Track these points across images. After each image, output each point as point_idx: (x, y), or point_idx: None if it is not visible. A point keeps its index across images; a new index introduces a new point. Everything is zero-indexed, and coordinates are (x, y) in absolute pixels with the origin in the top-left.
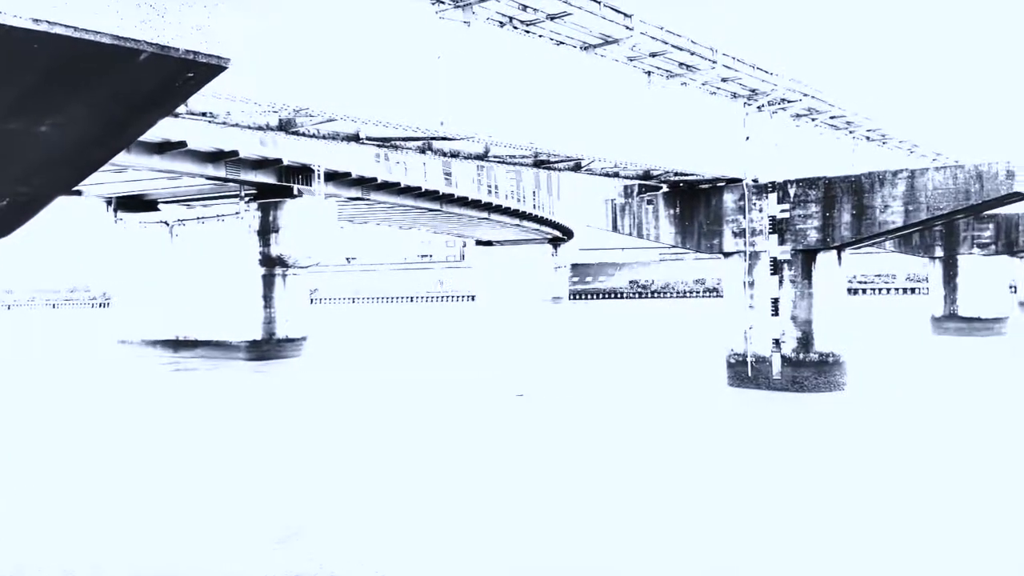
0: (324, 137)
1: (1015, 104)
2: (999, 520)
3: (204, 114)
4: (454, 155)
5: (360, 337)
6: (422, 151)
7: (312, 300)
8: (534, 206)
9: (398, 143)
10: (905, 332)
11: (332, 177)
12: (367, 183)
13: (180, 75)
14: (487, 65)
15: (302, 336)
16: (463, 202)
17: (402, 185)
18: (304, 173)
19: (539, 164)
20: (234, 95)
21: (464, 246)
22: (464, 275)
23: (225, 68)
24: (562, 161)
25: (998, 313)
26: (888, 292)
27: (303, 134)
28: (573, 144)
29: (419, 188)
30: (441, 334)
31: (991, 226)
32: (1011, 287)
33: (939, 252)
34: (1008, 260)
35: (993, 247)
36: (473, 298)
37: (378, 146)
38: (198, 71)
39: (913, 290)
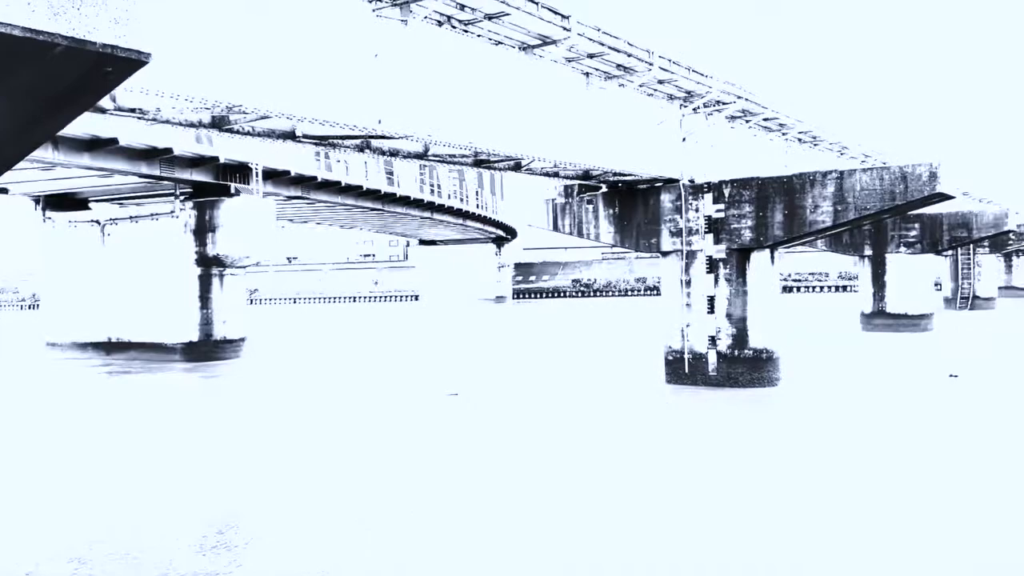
0: (259, 135)
1: (940, 107)
2: (922, 503)
3: (133, 110)
4: (393, 154)
5: (301, 338)
6: (360, 150)
7: (252, 300)
8: (477, 206)
9: (336, 141)
10: (836, 328)
11: (271, 176)
12: (307, 182)
13: (97, 70)
14: (426, 64)
15: (241, 337)
16: (405, 201)
17: (343, 184)
18: (242, 171)
19: (479, 164)
20: (163, 91)
21: (407, 245)
22: (407, 275)
23: (146, 63)
24: (502, 161)
25: (924, 310)
26: (821, 290)
27: (237, 131)
28: (513, 144)
29: (360, 187)
30: (382, 334)
31: (917, 226)
32: (936, 284)
33: (868, 251)
34: (933, 258)
35: (919, 246)
36: (416, 297)
37: (315, 144)
38: (116, 66)
39: (845, 288)
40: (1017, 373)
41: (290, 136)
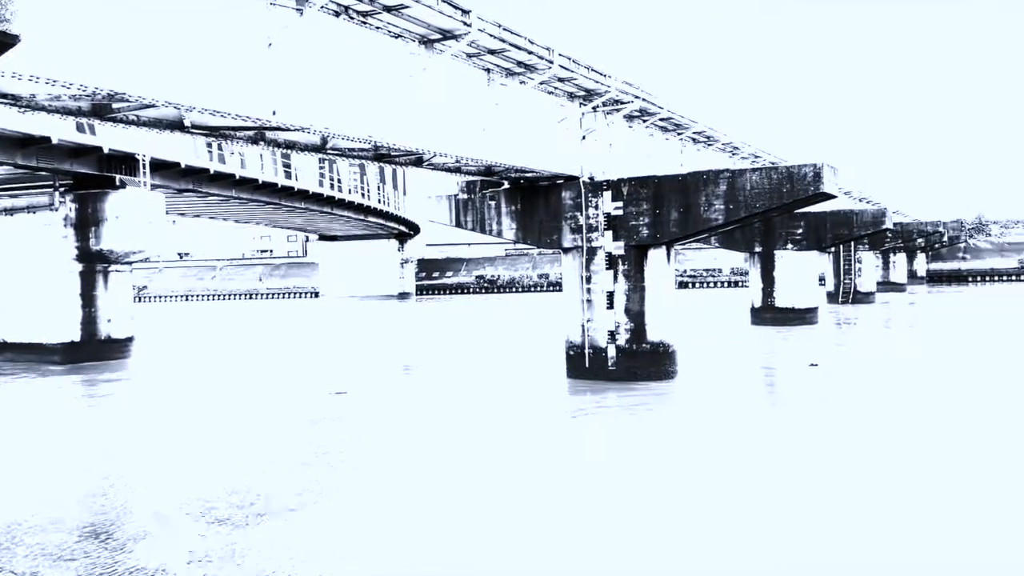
0: (144, 124)
1: (825, 111)
2: (807, 485)
3: (5, 96)
4: (289, 146)
5: (192, 337)
6: (254, 141)
7: (141, 298)
8: (379, 200)
9: (228, 132)
10: (728, 322)
11: (160, 167)
12: (199, 174)
13: None
14: (323, 56)
15: (128, 336)
16: (304, 195)
17: (237, 177)
18: (128, 163)
19: (379, 158)
20: (39, 76)
21: (307, 241)
22: (306, 271)
23: (13, 44)
24: (403, 155)
25: (810, 303)
26: (715, 285)
27: (120, 120)
28: (415, 138)
29: (255, 180)
30: (278, 332)
31: (803, 224)
32: (820, 280)
33: (758, 248)
34: (817, 255)
35: (805, 243)
36: (316, 294)
37: (206, 135)
38: None
39: (737, 283)
40: (875, 359)
41: (178, 126)
